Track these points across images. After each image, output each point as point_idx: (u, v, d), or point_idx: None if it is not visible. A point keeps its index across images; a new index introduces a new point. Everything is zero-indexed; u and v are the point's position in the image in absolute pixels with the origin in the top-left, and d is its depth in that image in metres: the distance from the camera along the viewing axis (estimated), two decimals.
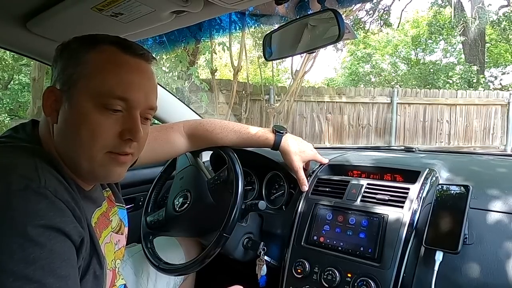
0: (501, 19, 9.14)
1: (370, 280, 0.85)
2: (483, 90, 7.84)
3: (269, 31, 0.98)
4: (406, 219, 0.88)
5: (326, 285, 0.90)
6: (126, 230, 0.86)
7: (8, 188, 0.54)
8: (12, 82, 8.75)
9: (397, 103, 6.57)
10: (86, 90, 0.62)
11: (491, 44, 10.69)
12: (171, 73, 5.59)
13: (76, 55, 0.64)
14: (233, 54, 5.48)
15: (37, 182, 0.56)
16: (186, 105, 1.57)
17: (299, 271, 0.95)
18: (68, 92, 0.63)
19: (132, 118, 0.64)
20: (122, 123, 0.64)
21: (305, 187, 1.07)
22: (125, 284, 0.90)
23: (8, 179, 0.55)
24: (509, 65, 10.82)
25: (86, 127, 0.62)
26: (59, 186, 0.59)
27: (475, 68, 9.14)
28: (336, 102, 6.50)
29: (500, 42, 10.52)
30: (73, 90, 0.62)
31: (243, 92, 6.09)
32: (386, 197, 0.95)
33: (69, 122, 0.63)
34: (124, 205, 0.88)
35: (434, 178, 0.97)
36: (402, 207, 0.91)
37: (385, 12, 8.78)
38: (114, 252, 0.80)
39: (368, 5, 8.21)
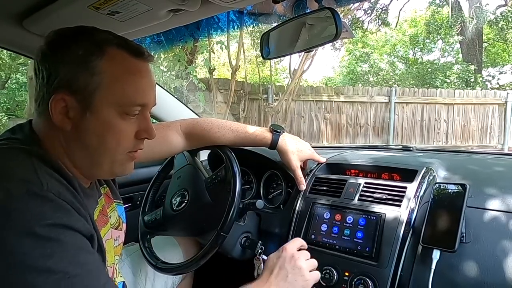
0: (498, 19, 9.15)
1: (367, 279, 0.85)
2: (481, 90, 7.85)
3: (266, 30, 0.98)
4: (404, 218, 0.88)
5: (324, 284, 0.90)
6: (124, 226, 0.87)
7: (9, 193, 0.53)
8: (9, 81, 8.73)
9: (395, 102, 6.58)
10: (107, 100, 0.64)
11: (489, 43, 10.71)
12: (169, 72, 5.58)
13: (84, 63, 0.62)
14: (231, 53, 5.50)
15: (39, 186, 0.56)
16: (184, 104, 1.57)
17: None
18: (84, 101, 0.63)
19: (146, 118, 0.70)
20: (138, 124, 0.69)
21: (303, 186, 1.07)
22: (124, 282, 0.90)
23: (8, 184, 0.54)
24: (506, 64, 10.83)
25: (112, 134, 0.65)
26: (61, 187, 0.59)
27: (472, 67, 9.16)
28: (334, 101, 6.51)
29: (497, 41, 10.54)
30: (91, 99, 0.63)
31: (241, 91, 6.09)
32: (384, 196, 0.95)
33: (92, 130, 0.64)
34: (121, 202, 0.88)
35: (431, 177, 0.98)
36: (399, 206, 0.91)
37: (383, 12, 8.80)
38: (114, 248, 0.80)
39: (366, 4, 8.24)
